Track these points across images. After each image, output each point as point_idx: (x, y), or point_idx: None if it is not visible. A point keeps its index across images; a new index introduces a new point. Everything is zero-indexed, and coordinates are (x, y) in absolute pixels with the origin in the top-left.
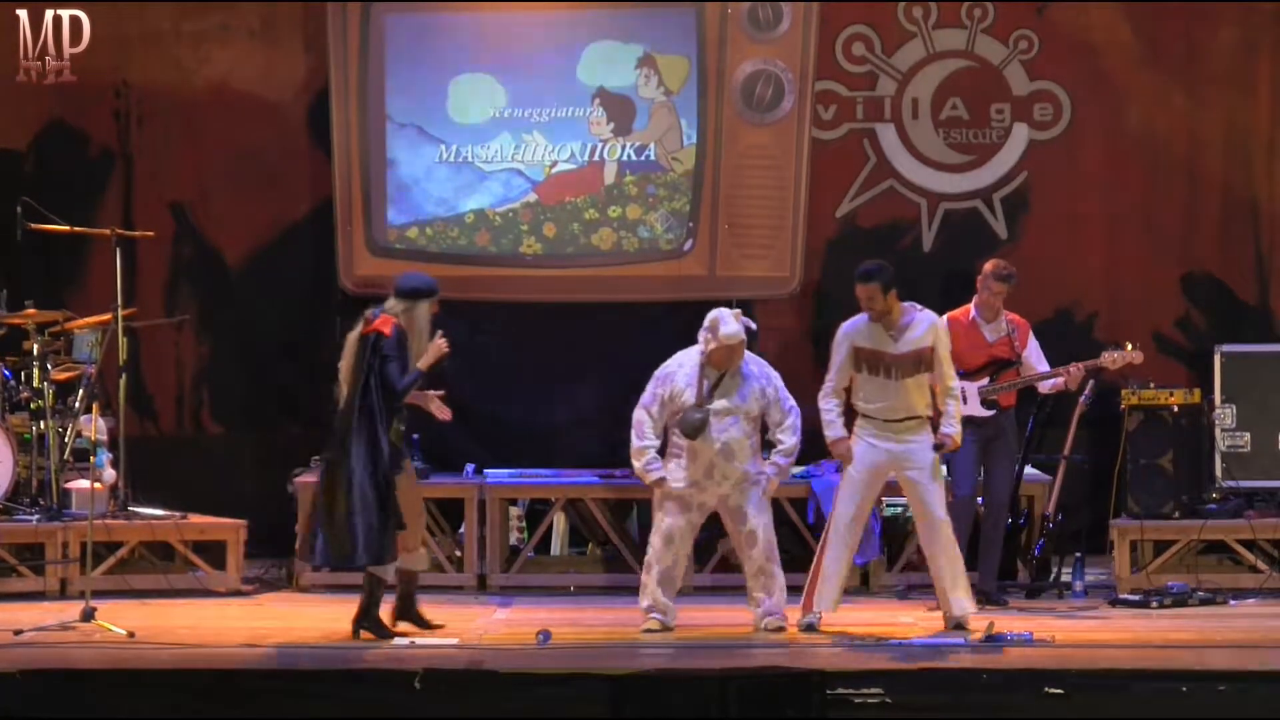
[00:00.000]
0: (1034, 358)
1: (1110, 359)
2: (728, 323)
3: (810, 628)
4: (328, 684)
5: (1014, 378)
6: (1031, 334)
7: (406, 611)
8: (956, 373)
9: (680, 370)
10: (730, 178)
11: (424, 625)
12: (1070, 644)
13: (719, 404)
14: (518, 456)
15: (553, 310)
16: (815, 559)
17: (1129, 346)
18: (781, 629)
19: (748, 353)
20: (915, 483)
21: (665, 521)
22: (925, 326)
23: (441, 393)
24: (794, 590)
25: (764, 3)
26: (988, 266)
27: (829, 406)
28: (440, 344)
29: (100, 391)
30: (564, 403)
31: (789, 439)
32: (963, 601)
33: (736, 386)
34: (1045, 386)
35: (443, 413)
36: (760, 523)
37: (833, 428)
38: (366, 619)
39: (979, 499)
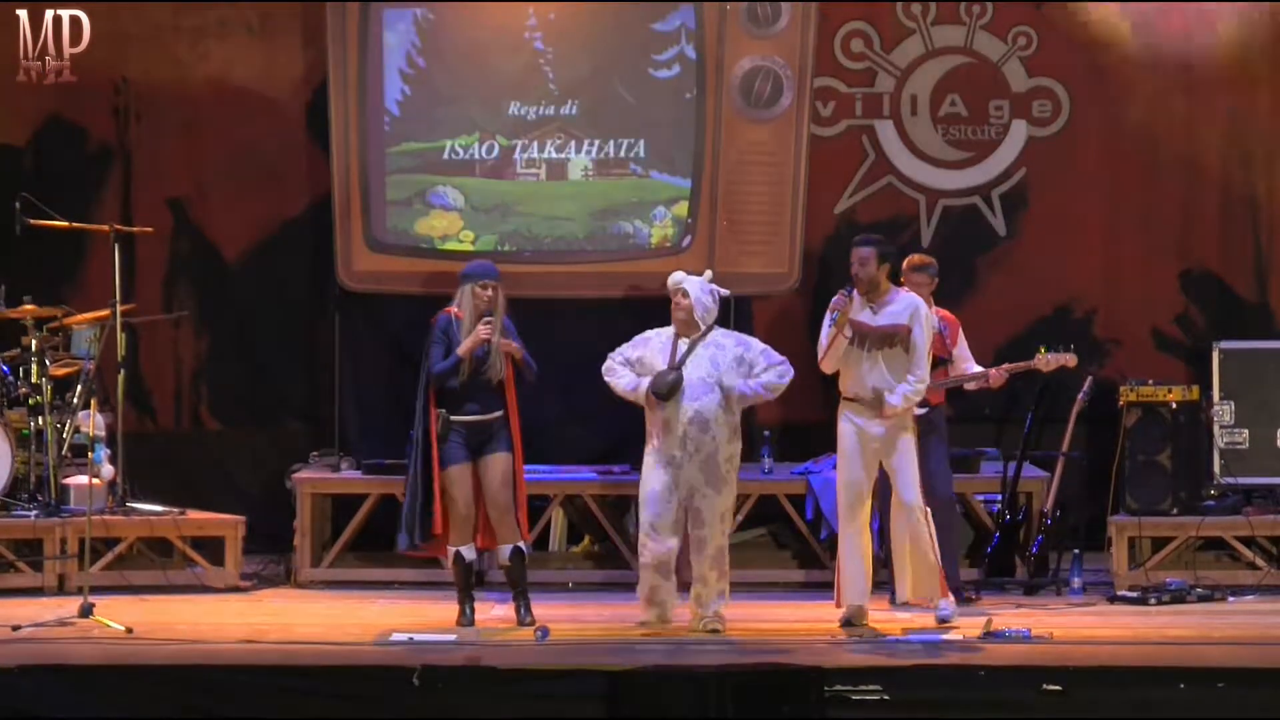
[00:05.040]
0: (964, 355)
1: (1044, 361)
2: (674, 273)
3: (849, 623)
4: (326, 680)
5: (944, 375)
6: (961, 332)
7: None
8: None
9: (656, 337)
10: (729, 174)
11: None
12: (1068, 640)
13: (691, 370)
14: None
15: (551, 306)
16: (837, 555)
17: (1056, 350)
18: (716, 631)
19: (724, 329)
20: (890, 468)
21: (647, 508)
22: (906, 306)
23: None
24: (801, 587)
25: (763, 0)
26: (905, 262)
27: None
28: (479, 331)
29: (99, 387)
30: (562, 399)
31: (774, 379)
32: (905, 593)
33: (709, 356)
34: (971, 386)
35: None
36: (712, 534)
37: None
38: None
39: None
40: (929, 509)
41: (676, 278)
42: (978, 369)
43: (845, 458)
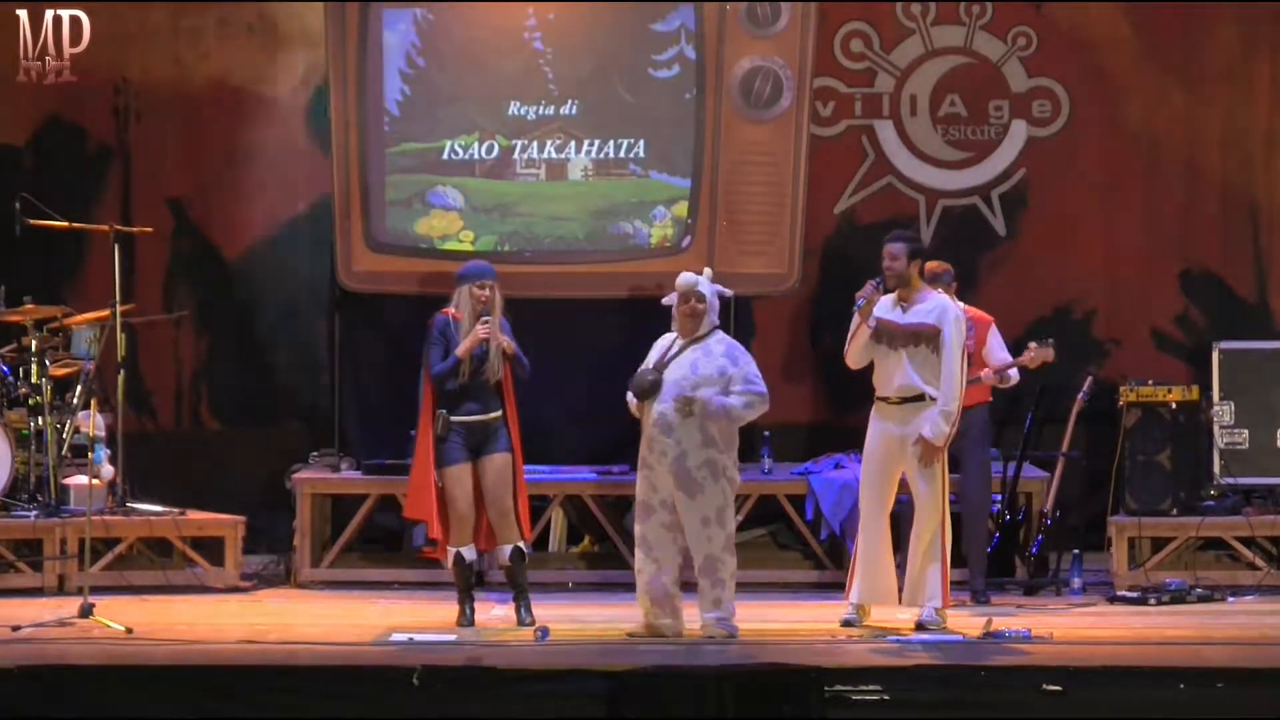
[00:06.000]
0: (996, 353)
1: (1029, 357)
2: (684, 274)
3: (849, 623)
4: (326, 681)
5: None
6: (993, 329)
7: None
8: None
9: (662, 342)
10: (728, 174)
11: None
12: (1068, 641)
13: (672, 371)
14: None
15: (550, 307)
16: (853, 552)
17: (1042, 344)
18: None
19: (724, 335)
20: (909, 472)
21: (635, 520)
22: (936, 306)
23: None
24: (801, 587)
25: (763, 1)
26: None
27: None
28: (477, 330)
29: (98, 387)
30: (561, 399)
31: (738, 404)
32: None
33: (692, 360)
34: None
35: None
36: (695, 542)
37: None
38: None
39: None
40: (964, 514)
41: (690, 279)
42: (1006, 360)
43: (867, 456)
